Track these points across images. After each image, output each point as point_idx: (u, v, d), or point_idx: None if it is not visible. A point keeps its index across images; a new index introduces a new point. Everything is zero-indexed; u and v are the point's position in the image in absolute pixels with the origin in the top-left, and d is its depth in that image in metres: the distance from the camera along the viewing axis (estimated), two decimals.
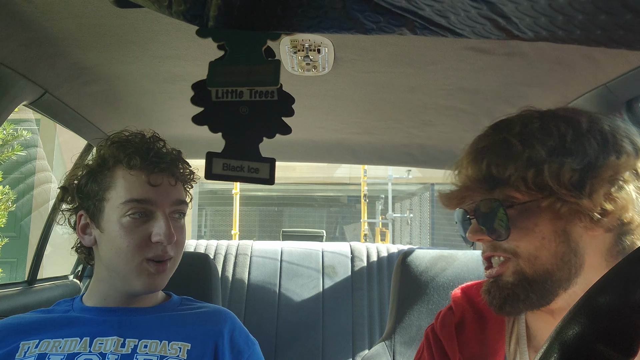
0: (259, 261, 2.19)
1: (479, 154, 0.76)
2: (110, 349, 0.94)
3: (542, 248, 0.71)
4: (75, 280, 1.91)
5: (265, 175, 0.66)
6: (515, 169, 0.70)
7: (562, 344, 0.37)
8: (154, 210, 0.99)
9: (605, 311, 0.37)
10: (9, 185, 4.21)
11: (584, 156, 0.69)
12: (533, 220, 0.72)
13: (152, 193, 0.99)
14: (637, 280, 0.37)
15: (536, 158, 0.70)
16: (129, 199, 0.98)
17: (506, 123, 0.78)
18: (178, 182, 1.05)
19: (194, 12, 0.57)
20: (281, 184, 8.28)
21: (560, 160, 0.69)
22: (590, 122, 0.73)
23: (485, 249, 0.78)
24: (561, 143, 0.71)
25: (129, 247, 0.97)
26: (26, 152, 4.39)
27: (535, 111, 0.78)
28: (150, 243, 0.98)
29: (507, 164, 0.71)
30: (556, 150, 0.70)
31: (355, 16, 0.52)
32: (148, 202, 0.99)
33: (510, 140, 0.73)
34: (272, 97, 0.65)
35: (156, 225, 0.98)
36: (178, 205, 1.03)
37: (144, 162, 1.00)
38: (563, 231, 0.71)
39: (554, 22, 0.39)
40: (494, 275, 0.75)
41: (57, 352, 0.92)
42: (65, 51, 1.14)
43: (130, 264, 0.97)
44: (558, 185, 0.68)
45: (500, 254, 0.75)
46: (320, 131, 1.84)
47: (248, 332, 1.08)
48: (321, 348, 1.97)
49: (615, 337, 0.36)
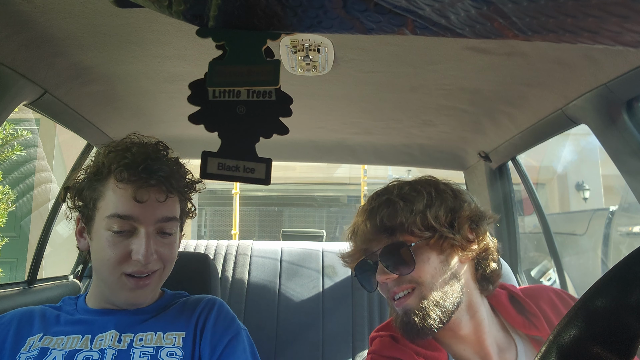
0: (259, 261, 2.19)
1: (370, 213, 0.98)
2: (108, 343, 0.96)
3: (436, 275, 0.94)
4: (75, 280, 1.91)
5: (261, 175, 0.66)
6: (405, 218, 0.95)
7: (559, 347, 0.37)
8: (137, 227, 0.98)
9: (602, 314, 0.37)
10: (8, 185, 4.21)
11: (447, 204, 0.97)
12: (426, 255, 0.95)
13: (137, 210, 0.97)
14: (633, 283, 0.37)
15: (416, 209, 0.95)
16: (113, 213, 0.97)
17: (384, 191, 1.02)
18: (169, 198, 1.01)
19: (194, 12, 0.57)
20: (281, 184, 8.28)
21: (434, 208, 0.96)
22: (444, 184, 1.02)
23: (390, 288, 0.97)
24: (429, 198, 0.97)
25: (109, 260, 0.97)
26: (26, 152, 4.38)
27: (403, 181, 1.03)
28: (130, 259, 0.97)
29: (396, 215, 0.95)
30: (428, 202, 0.96)
31: (356, 16, 0.52)
32: (131, 218, 0.97)
33: (393, 199, 0.97)
34: (270, 97, 0.65)
35: (136, 242, 0.97)
36: (165, 222, 1.01)
37: (132, 177, 0.97)
38: (447, 261, 0.96)
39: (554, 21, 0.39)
40: (404, 304, 0.95)
41: (59, 348, 0.94)
42: (65, 51, 1.14)
43: (112, 276, 0.98)
44: (439, 225, 0.94)
45: (405, 287, 0.95)
46: (320, 131, 1.84)
47: (235, 317, 1.09)
48: (321, 348, 1.97)
49: (611, 340, 0.36)
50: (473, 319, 0.97)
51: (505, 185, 1.99)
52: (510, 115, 1.51)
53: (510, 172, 1.98)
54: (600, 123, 1.19)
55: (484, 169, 1.97)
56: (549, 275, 3.51)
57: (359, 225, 1.00)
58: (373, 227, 0.96)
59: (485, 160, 1.91)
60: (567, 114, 1.29)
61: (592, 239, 4.71)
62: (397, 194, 0.98)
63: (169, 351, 0.97)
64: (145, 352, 0.95)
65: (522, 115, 1.47)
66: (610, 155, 1.20)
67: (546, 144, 1.60)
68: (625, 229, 4.48)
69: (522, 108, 1.43)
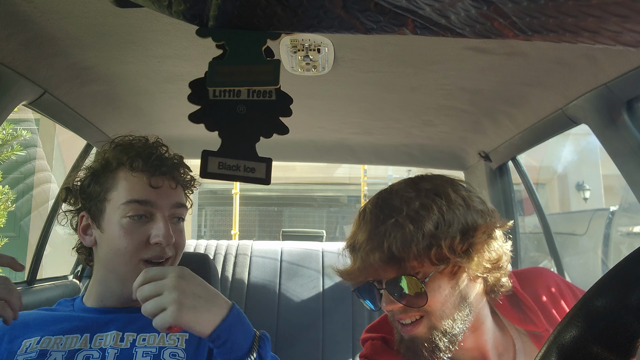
0: (259, 261, 2.19)
1: (376, 237, 0.87)
2: (110, 343, 0.95)
3: (446, 303, 0.88)
4: (74, 281, 1.91)
5: (261, 175, 0.66)
6: (417, 247, 0.84)
7: (560, 347, 0.37)
8: (154, 212, 1.01)
9: (602, 314, 0.37)
10: (8, 185, 4.21)
11: (458, 222, 0.87)
12: (437, 283, 0.88)
13: (153, 195, 1.00)
14: (633, 283, 0.37)
15: (427, 231, 0.85)
16: (129, 199, 0.99)
17: (391, 206, 0.90)
18: (178, 186, 1.06)
19: (194, 11, 0.57)
20: (281, 184, 8.28)
21: (447, 233, 0.85)
22: (454, 191, 0.90)
23: (396, 313, 0.90)
24: (440, 215, 0.86)
25: (127, 248, 0.98)
26: (26, 152, 4.38)
27: (409, 186, 0.92)
28: (149, 244, 0.99)
29: (407, 244, 0.85)
30: (439, 223, 0.86)
31: (356, 16, 0.52)
32: (148, 203, 1.00)
33: (402, 222, 0.86)
34: (270, 97, 0.65)
35: (155, 226, 0.99)
36: (178, 208, 1.04)
37: (146, 165, 1.01)
38: (457, 286, 0.89)
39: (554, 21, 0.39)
40: (411, 333, 0.89)
41: (58, 349, 0.94)
42: (65, 51, 1.14)
43: (128, 265, 0.98)
44: (454, 256, 0.85)
45: (413, 315, 0.89)
46: (320, 131, 1.84)
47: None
48: (321, 348, 1.97)
49: (611, 340, 0.37)
50: (477, 331, 0.94)
51: (506, 185, 1.99)
52: (510, 115, 1.51)
53: (510, 172, 1.98)
54: (601, 123, 1.19)
55: (484, 169, 1.97)
56: None
57: (362, 246, 0.89)
58: (380, 257, 0.86)
59: (485, 160, 1.91)
60: (567, 114, 1.29)
61: (592, 239, 4.71)
62: (406, 214, 0.87)
63: (172, 352, 0.96)
64: (148, 352, 0.95)
65: (522, 115, 1.47)
66: (610, 155, 1.20)
67: (546, 144, 1.60)
68: (625, 229, 4.48)
69: (522, 108, 1.43)
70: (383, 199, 0.92)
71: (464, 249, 0.86)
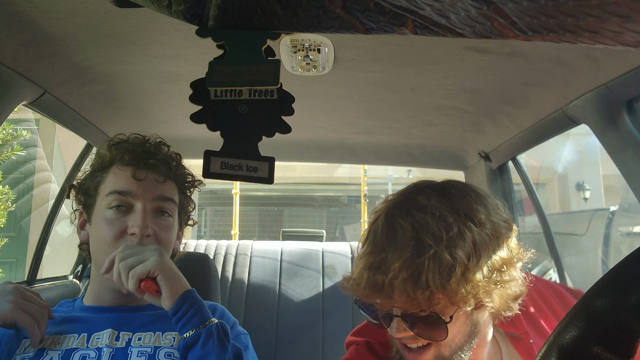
0: (259, 261, 2.19)
1: (416, 268, 0.78)
2: (105, 342, 0.95)
3: (458, 334, 0.83)
4: (74, 280, 1.91)
5: (264, 174, 0.66)
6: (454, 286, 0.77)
7: (560, 347, 0.37)
8: (134, 203, 1.01)
9: (602, 314, 0.37)
10: (8, 185, 4.21)
11: (487, 255, 0.81)
12: (459, 320, 0.83)
13: (135, 186, 1.02)
14: (633, 283, 0.37)
15: (461, 265, 0.78)
16: (112, 190, 1.02)
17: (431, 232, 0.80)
18: (168, 181, 1.06)
19: (193, 11, 0.57)
20: (281, 184, 8.28)
21: (477, 267, 0.79)
22: (486, 214, 0.83)
23: (403, 338, 0.84)
24: (473, 246, 0.80)
25: (105, 238, 0.99)
26: (26, 152, 4.38)
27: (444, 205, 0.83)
28: (127, 235, 0.99)
29: (446, 279, 0.77)
30: (470, 255, 0.79)
31: (356, 16, 0.52)
32: (129, 194, 1.01)
33: (441, 255, 0.78)
34: (271, 96, 0.65)
35: (132, 218, 1.00)
36: (162, 201, 1.04)
37: (132, 159, 1.03)
38: (472, 318, 0.84)
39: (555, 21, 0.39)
40: (418, 359, 0.84)
41: (55, 348, 0.94)
42: (64, 51, 1.14)
43: (107, 254, 0.98)
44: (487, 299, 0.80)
45: (422, 342, 0.84)
46: (320, 131, 1.84)
47: (236, 322, 1.10)
48: (321, 348, 1.97)
49: (611, 340, 0.36)
50: (479, 349, 0.90)
51: (506, 185, 1.99)
52: (510, 115, 1.51)
53: (510, 172, 1.98)
54: (601, 123, 1.18)
55: (484, 169, 1.97)
56: (549, 275, 3.51)
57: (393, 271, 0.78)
58: (413, 288, 0.77)
59: (485, 160, 1.91)
60: (567, 114, 1.29)
61: (592, 239, 4.71)
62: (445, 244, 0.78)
63: (167, 352, 0.96)
64: (143, 351, 0.95)
65: (523, 115, 1.47)
66: (610, 155, 1.20)
67: (546, 144, 1.60)
68: (625, 229, 4.48)
69: (522, 108, 1.43)
70: (420, 222, 0.81)
71: (491, 289, 0.80)
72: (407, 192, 0.88)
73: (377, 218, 0.86)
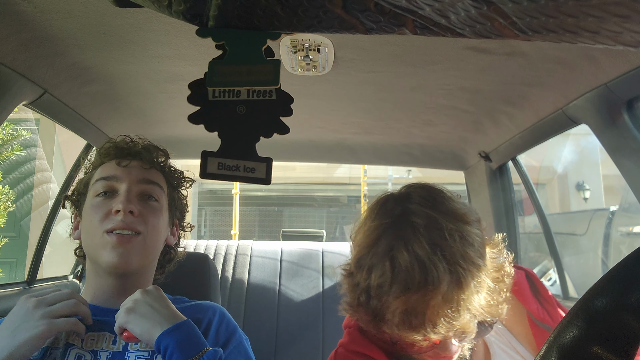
0: (259, 261, 2.19)
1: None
2: (102, 346, 0.95)
3: None
4: (74, 280, 1.91)
5: (261, 175, 0.65)
6: None
7: (560, 347, 0.37)
8: (118, 186, 1.03)
9: (602, 314, 0.37)
10: (8, 185, 4.21)
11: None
12: None
13: (119, 171, 1.05)
14: (633, 283, 0.37)
15: None
16: (97, 178, 1.04)
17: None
18: (153, 169, 1.09)
19: (193, 11, 0.57)
20: (281, 184, 8.28)
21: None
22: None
23: None
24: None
25: (92, 222, 1.01)
26: (26, 152, 4.38)
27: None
28: (112, 215, 1.00)
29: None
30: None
31: (356, 16, 0.52)
32: (113, 178, 1.04)
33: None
34: (270, 97, 0.65)
35: (117, 198, 1.02)
36: (147, 184, 1.06)
37: (118, 151, 1.08)
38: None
39: (555, 21, 0.39)
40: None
41: (57, 346, 0.94)
42: (64, 51, 1.14)
43: (95, 238, 0.99)
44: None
45: None
46: (320, 131, 1.84)
47: (237, 326, 1.08)
48: (321, 348, 1.97)
49: (611, 340, 0.36)
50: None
51: (506, 185, 1.99)
52: (510, 115, 1.51)
53: (510, 172, 1.98)
54: (601, 123, 1.19)
55: (484, 169, 1.97)
56: (549, 275, 3.51)
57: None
58: None
59: (485, 160, 1.91)
60: (567, 114, 1.29)
61: (592, 239, 4.71)
62: None
63: None
64: (141, 355, 0.95)
65: (523, 115, 1.47)
66: (610, 155, 1.20)
67: (546, 144, 1.60)
68: (625, 229, 4.48)
69: (522, 108, 1.43)
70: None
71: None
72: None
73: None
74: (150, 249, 1.05)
